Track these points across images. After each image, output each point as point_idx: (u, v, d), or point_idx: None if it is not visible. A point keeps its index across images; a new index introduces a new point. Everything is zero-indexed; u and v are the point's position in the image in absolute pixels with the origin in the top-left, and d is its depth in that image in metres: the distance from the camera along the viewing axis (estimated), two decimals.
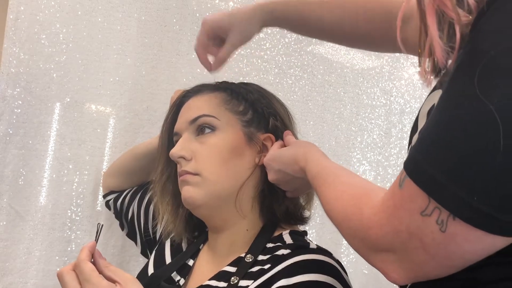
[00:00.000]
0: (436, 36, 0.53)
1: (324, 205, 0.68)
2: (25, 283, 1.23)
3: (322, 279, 0.74)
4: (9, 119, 1.22)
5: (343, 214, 0.62)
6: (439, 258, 0.51)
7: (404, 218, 0.52)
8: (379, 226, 0.54)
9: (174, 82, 1.32)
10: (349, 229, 0.61)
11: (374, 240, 0.55)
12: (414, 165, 0.51)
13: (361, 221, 0.57)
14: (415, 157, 0.52)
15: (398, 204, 0.52)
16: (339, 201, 0.64)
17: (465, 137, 0.47)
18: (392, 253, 0.54)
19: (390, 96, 1.49)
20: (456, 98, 0.49)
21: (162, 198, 0.99)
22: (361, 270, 1.43)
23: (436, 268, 0.52)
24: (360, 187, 0.63)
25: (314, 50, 1.43)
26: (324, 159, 0.77)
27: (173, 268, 0.93)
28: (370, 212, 0.56)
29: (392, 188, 0.54)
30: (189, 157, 0.89)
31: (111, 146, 1.31)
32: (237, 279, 0.80)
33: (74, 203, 1.28)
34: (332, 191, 0.67)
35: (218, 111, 0.91)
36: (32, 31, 1.24)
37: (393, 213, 0.53)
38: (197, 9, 1.36)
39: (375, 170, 1.47)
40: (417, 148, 0.52)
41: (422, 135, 0.52)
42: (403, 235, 0.52)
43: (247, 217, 0.90)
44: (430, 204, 0.49)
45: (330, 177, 0.70)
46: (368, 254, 0.58)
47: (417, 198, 0.50)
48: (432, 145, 0.50)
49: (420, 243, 0.51)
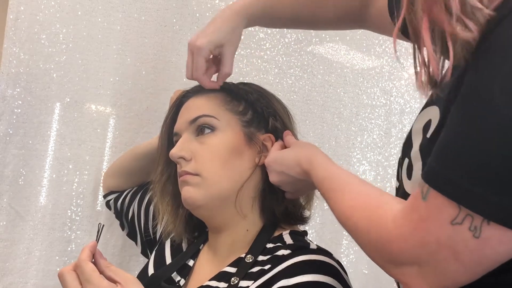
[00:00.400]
0: (431, 50, 0.54)
1: (337, 213, 0.69)
2: (25, 283, 1.23)
3: (322, 279, 0.74)
4: (9, 119, 1.22)
5: (360, 226, 0.62)
6: (470, 265, 0.52)
7: (433, 229, 0.53)
8: (403, 239, 0.55)
9: (174, 82, 1.32)
10: (367, 241, 0.61)
11: (396, 254, 0.56)
12: (437, 176, 0.52)
13: (381, 234, 0.58)
14: (436, 169, 0.53)
15: (424, 216, 0.53)
16: (355, 212, 0.64)
17: (491, 143, 0.49)
18: (417, 265, 0.55)
19: (390, 96, 1.49)
20: (476, 108, 0.50)
21: (162, 198, 0.99)
22: (361, 270, 1.43)
23: (465, 275, 0.53)
24: (374, 197, 0.64)
25: (314, 50, 1.43)
26: (331, 163, 0.78)
27: (173, 269, 0.93)
28: (391, 225, 0.57)
29: (413, 201, 0.55)
30: (189, 157, 0.89)
31: (111, 146, 1.31)
32: (237, 279, 0.80)
33: (74, 203, 1.28)
34: (346, 200, 0.67)
35: (218, 111, 0.91)
36: (32, 31, 1.24)
37: (418, 226, 0.54)
38: (197, 9, 1.36)
39: (375, 170, 1.47)
40: (437, 160, 0.53)
41: (442, 147, 0.53)
42: (432, 247, 0.53)
43: (247, 217, 0.90)
44: (460, 212, 0.51)
45: (341, 184, 0.71)
46: (388, 267, 0.59)
47: (446, 209, 0.51)
48: (456, 155, 0.51)
49: (451, 252, 0.52)
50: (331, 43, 1.45)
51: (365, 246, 0.62)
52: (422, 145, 0.61)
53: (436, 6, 0.53)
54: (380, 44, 1.48)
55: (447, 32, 0.52)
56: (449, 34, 0.52)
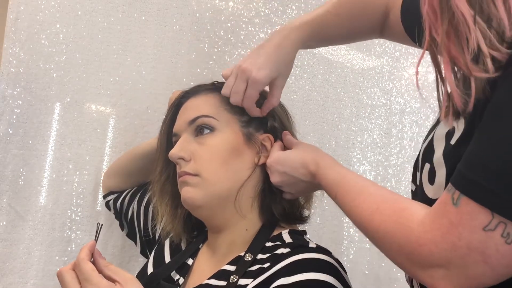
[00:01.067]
0: (453, 85, 0.56)
1: (354, 216, 0.70)
2: (25, 283, 1.23)
3: (322, 277, 0.75)
4: (9, 119, 1.22)
5: (384, 229, 0.63)
6: (498, 268, 0.53)
7: (464, 234, 0.54)
8: (433, 243, 0.56)
9: (174, 82, 1.32)
10: (393, 244, 0.62)
11: (426, 257, 0.57)
12: (470, 183, 0.54)
13: (409, 238, 0.59)
14: (468, 175, 0.54)
15: (455, 222, 0.55)
16: (376, 215, 0.65)
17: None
18: (444, 268, 0.56)
19: (390, 96, 1.49)
20: (510, 118, 0.52)
21: (161, 198, 0.99)
22: (361, 270, 1.43)
23: (492, 277, 0.54)
24: (394, 201, 0.65)
25: (314, 50, 1.43)
26: (339, 165, 0.79)
27: (172, 267, 0.93)
28: (420, 229, 0.58)
29: (443, 206, 0.57)
30: (188, 158, 0.89)
31: (111, 146, 1.31)
32: (236, 277, 0.80)
33: (74, 203, 1.28)
34: (363, 203, 0.68)
35: (217, 112, 0.91)
36: (32, 31, 1.24)
37: (449, 230, 0.55)
38: (197, 9, 1.36)
39: (375, 170, 1.47)
40: (469, 167, 0.54)
41: (474, 154, 0.55)
42: (462, 251, 0.54)
43: (247, 217, 0.90)
44: (493, 219, 0.52)
45: (355, 187, 0.72)
46: (414, 269, 0.60)
47: (478, 215, 0.53)
48: (489, 162, 0.52)
49: (481, 256, 0.53)
50: None
51: (390, 249, 0.63)
52: (446, 151, 0.63)
53: (454, 47, 0.55)
54: (380, 44, 1.48)
55: (462, 69, 0.55)
56: (468, 74, 0.54)
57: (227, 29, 1.37)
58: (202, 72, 1.35)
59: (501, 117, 0.53)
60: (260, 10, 1.38)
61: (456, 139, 0.61)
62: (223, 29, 1.37)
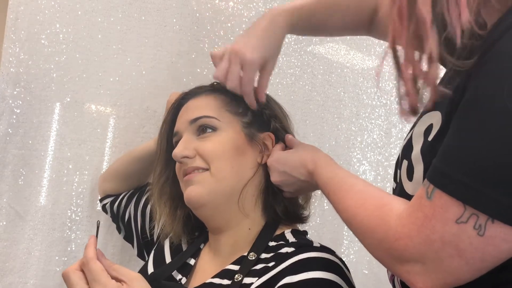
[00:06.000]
0: (409, 86, 0.58)
1: (342, 213, 0.71)
2: (25, 283, 1.23)
3: (327, 276, 0.75)
4: (9, 119, 1.22)
5: (366, 225, 0.64)
6: (473, 262, 0.53)
7: (438, 227, 0.54)
8: (408, 237, 0.57)
9: (174, 82, 1.32)
10: (373, 239, 0.63)
11: (402, 251, 0.57)
12: (443, 176, 0.54)
13: (387, 233, 0.59)
14: (441, 169, 0.55)
15: (429, 214, 0.55)
16: (361, 211, 0.66)
17: (499, 144, 0.51)
18: (421, 263, 0.56)
19: (390, 96, 1.49)
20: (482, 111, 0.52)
21: (160, 200, 0.98)
22: (361, 270, 1.43)
23: (468, 272, 0.54)
24: (379, 197, 0.66)
25: (314, 50, 1.43)
26: (335, 165, 0.80)
27: (174, 267, 0.93)
28: (397, 223, 0.59)
29: (418, 200, 0.57)
30: (193, 155, 0.89)
31: (111, 146, 1.31)
32: (241, 276, 0.80)
33: (74, 203, 1.28)
34: (351, 200, 0.69)
35: (219, 113, 0.91)
36: (32, 31, 1.24)
37: (424, 224, 0.55)
38: (197, 9, 1.36)
39: (375, 170, 1.47)
40: (443, 160, 0.55)
41: (448, 148, 0.55)
42: (436, 244, 0.54)
43: (250, 215, 0.90)
44: (465, 211, 0.52)
45: (345, 185, 0.73)
46: (393, 264, 0.60)
47: (451, 207, 0.53)
48: (462, 156, 0.53)
49: (455, 250, 0.53)
50: (331, 43, 1.45)
51: (370, 244, 0.64)
52: (423, 148, 0.63)
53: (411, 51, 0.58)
54: (380, 44, 1.48)
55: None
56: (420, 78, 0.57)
57: (227, 29, 1.37)
58: (202, 72, 1.35)
59: (471, 112, 0.54)
60: (260, 10, 1.38)
61: (433, 135, 0.62)
62: (223, 29, 1.37)
